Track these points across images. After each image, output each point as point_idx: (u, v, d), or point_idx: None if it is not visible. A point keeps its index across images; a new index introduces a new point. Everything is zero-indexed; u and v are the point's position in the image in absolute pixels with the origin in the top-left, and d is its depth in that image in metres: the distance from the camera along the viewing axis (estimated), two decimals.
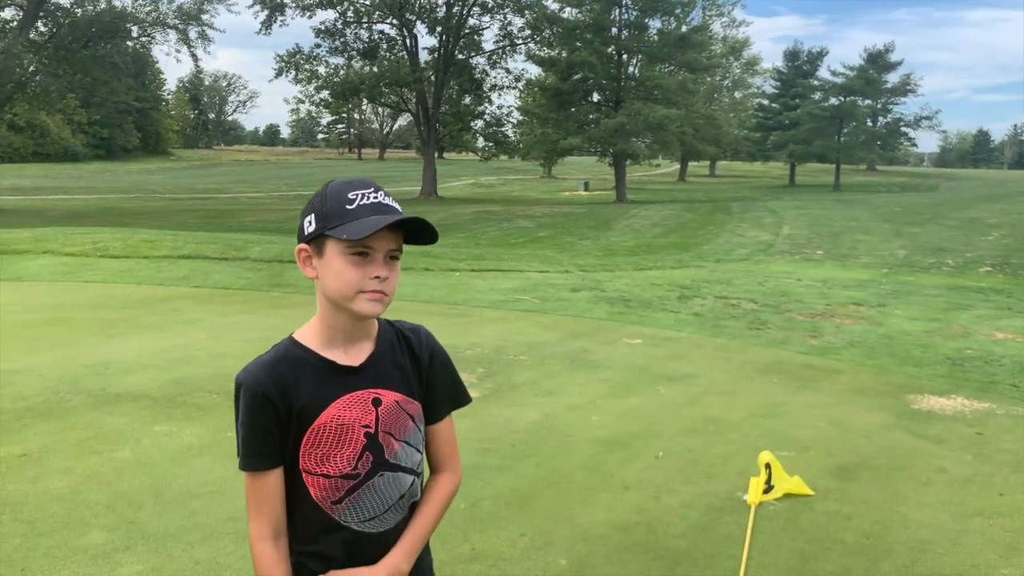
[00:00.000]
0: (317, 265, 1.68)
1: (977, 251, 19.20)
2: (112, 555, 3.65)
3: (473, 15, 47.24)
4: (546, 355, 7.64)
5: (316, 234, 1.64)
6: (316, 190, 1.75)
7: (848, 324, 9.82)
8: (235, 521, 3.97)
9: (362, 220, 1.59)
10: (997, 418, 6.17)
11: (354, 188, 1.65)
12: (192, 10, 35.38)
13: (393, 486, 1.75)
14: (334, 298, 1.66)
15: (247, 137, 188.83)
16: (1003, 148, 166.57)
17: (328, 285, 1.66)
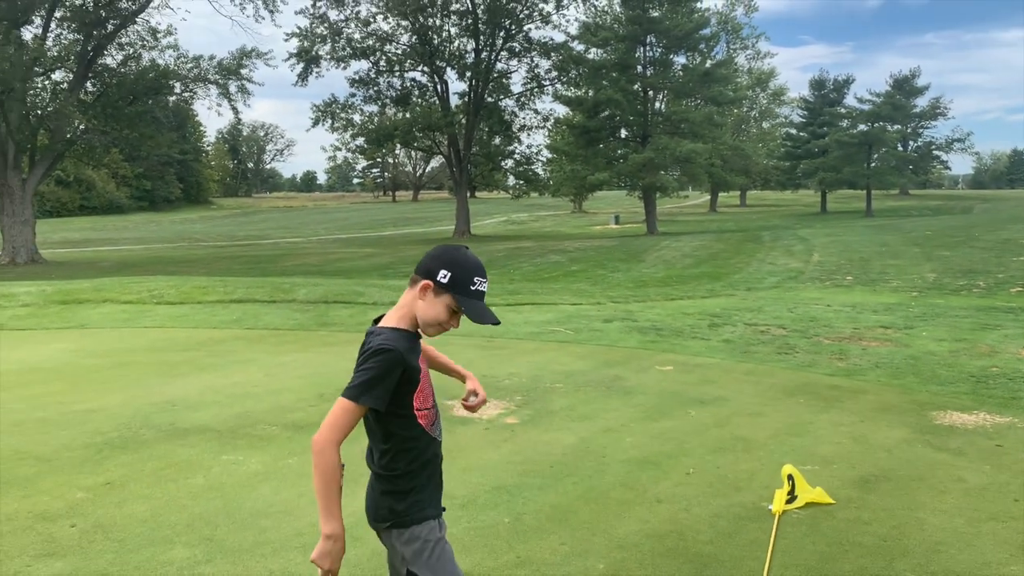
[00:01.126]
0: (427, 297, 2.48)
1: (1009, 272, 19.23)
2: (195, 567, 4.09)
3: (501, 59, 48.45)
4: (581, 383, 8.02)
5: (448, 289, 2.45)
6: (444, 247, 2.59)
7: (875, 346, 10.07)
8: (302, 536, 4.40)
9: (478, 306, 2.47)
10: (1017, 431, 6.42)
11: (477, 274, 2.48)
12: (232, 65, 36.69)
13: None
14: (422, 319, 2.51)
15: (285, 184, 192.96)
16: None
17: (426, 312, 2.49)
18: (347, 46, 45.77)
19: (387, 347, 2.41)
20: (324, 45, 46.02)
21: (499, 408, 7.07)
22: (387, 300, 13.73)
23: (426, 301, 2.47)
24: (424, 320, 2.50)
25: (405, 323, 2.53)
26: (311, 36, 45.66)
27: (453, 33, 47.64)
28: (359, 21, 45.70)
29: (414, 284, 2.52)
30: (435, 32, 46.79)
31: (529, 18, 46.44)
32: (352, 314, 12.42)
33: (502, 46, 47.36)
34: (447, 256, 2.49)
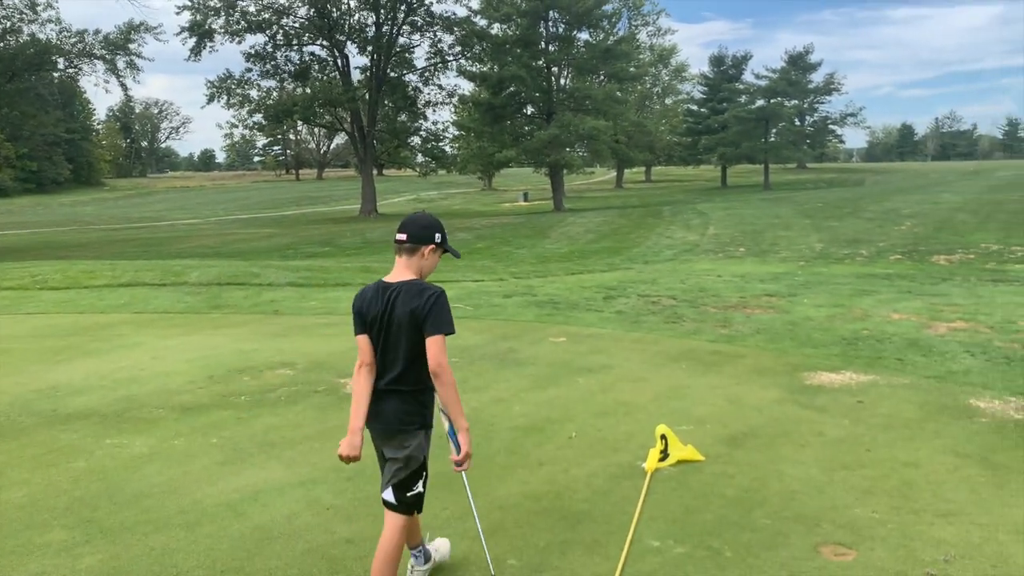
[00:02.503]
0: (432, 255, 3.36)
1: (890, 240, 20.36)
2: (72, 548, 4.06)
3: (403, 34, 47.86)
4: (476, 356, 8.18)
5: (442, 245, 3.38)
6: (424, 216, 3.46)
7: (758, 314, 10.58)
8: (185, 514, 4.42)
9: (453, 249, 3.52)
10: (878, 388, 6.90)
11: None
12: (119, 40, 35.16)
13: None
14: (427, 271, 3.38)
15: (182, 163, 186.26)
16: (926, 141, 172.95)
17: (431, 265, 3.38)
18: (242, 19, 44.37)
19: (440, 290, 3.27)
20: (217, 18, 44.50)
21: None
22: (284, 281, 13.57)
23: (430, 259, 3.36)
24: (428, 271, 3.38)
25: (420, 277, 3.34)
26: (203, 9, 44.05)
27: (352, 6, 46.77)
28: None
29: (413, 251, 3.32)
30: (334, 5, 45.81)
31: None
32: (247, 296, 12.23)
33: (404, 20, 46.78)
34: (434, 223, 3.38)
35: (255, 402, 6.62)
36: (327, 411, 6.36)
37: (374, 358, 3.34)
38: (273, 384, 7.16)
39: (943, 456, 5.18)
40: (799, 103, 75.28)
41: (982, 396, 6.55)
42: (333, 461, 5.33)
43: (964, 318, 9.98)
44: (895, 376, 7.28)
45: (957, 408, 6.24)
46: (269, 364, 7.87)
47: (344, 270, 15.64)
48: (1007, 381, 7.00)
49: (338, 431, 5.93)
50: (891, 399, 6.53)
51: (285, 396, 6.79)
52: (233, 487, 4.82)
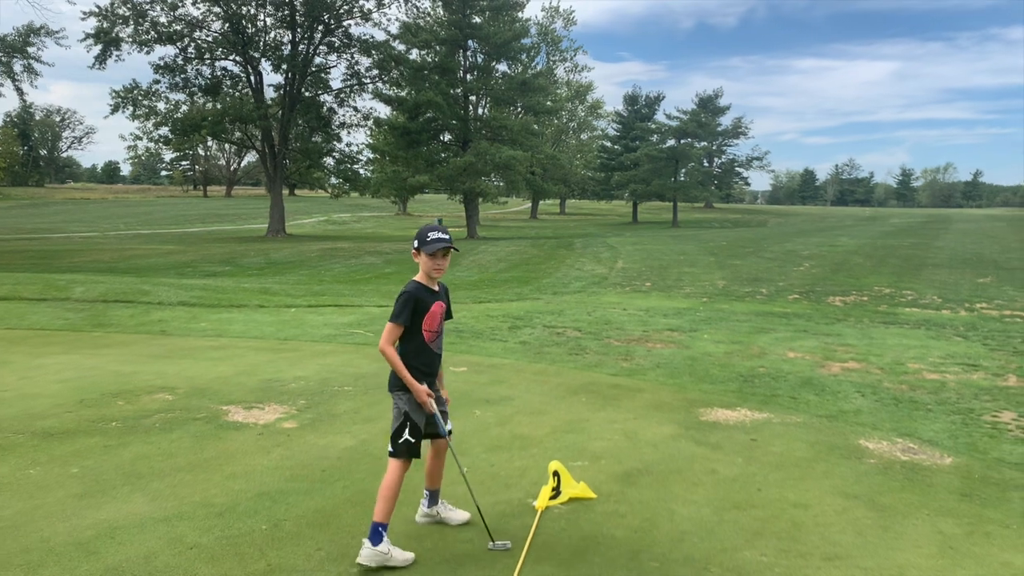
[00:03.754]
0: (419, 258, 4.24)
1: (789, 280, 20.96)
2: None
3: (320, 54, 47.24)
4: (371, 385, 7.88)
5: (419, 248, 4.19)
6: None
7: (659, 348, 10.61)
8: (28, 553, 4.00)
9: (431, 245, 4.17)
10: (772, 426, 6.93)
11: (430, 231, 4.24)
12: (16, 43, 33.67)
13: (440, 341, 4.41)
14: (424, 271, 4.24)
15: (84, 175, 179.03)
16: (826, 186, 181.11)
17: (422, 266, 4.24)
18: (152, 30, 42.94)
19: (404, 290, 4.21)
20: (126, 27, 42.97)
21: (278, 413, 6.80)
22: (175, 300, 12.95)
23: (420, 261, 4.25)
24: (426, 271, 4.24)
25: (421, 277, 4.28)
26: (111, 16, 42.49)
27: (268, 23, 45.95)
28: (166, 4, 43.02)
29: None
30: (249, 21, 44.90)
31: (349, 14, 45.61)
32: (133, 314, 11.59)
33: (320, 40, 46.21)
34: (417, 233, 4.26)
35: (127, 429, 6.17)
36: (204, 440, 5.96)
37: None
38: (149, 410, 6.70)
39: (832, 497, 5.18)
40: (708, 145, 77.92)
41: (871, 436, 6.65)
42: (203, 495, 4.99)
43: (856, 358, 10.24)
44: (789, 414, 7.34)
45: (847, 448, 6.31)
46: (148, 388, 7.39)
47: (241, 291, 15.04)
48: (895, 422, 7.14)
49: (214, 462, 5.58)
50: (784, 437, 6.56)
51: (160, 423, 6.35)
52: (88, 523, 4.42)
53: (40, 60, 34.50)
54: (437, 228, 4.23)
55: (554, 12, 76.05)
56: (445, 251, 4.23)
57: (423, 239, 4.18)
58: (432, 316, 4.24)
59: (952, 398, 8.10)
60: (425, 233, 4.20)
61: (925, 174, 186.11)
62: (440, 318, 4.33)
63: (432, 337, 4.29)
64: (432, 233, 4.18)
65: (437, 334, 4.32)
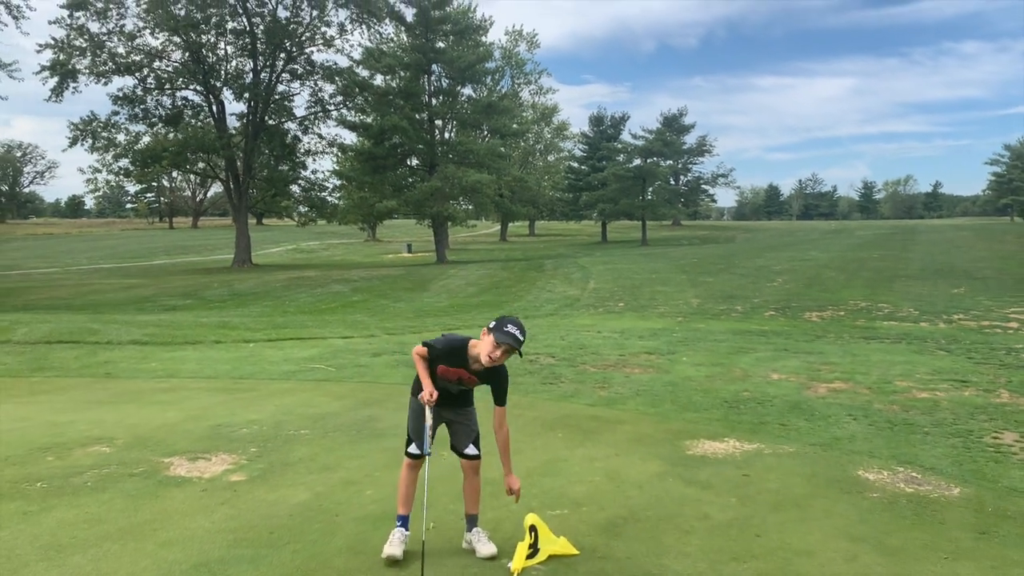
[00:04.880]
0: (483, 337, 4.21)
1: (763, 296, 20.66)
2: None
3: (283, 81, 46.68)
4: (330, 427, 7.29)
5: (491, 331, 4.16)
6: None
7: (637, 373, 10.12)
8: None
9: (505, 335, 4.10)
10: (764, 458, 6.45)
11: (509, 324, 4.16)
12: None
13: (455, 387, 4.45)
14: (482, 350, 4.17)
15: (47, 210, 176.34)
16: (791, 201, 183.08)
17: (479, 346, 4.21)
18: (110, 60, 42.12)
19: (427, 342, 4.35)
20: (83, 59, 42.11)
21: (225, 464, 6.18)
22: (126, 338, 12.23)
23: (485, 338, 4.15)
24: (483, 351, 4.16)
25: (473, 344, 4.25)
26: (68, 48, 41.63)
27: (229, 52, 45.35)
28: (123, 35, 42.27)
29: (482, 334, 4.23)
30: (209, 50, 44.26)
31: (311, 41, 45.16)
32: (78, 356, 10.86)
33: (283, 68, 45.67)
34: (500, 317, 4.22)
35: (52, 490, 5.52)
36: (139, 501, 5.33)
37: None
38: (82, 466, 6.05)
39: (837, 541, 4.68)
40: (674, 163, 78.15)
41: (869, 466, 6.19)
42: (130, 569, 4.36)
43: (842, 378, 9.83)
44: (780, 443, 6.87)
45: (846, 481, 5.83)
46: (83, 440, 6.74)
47: (198, 326, 14.33)
48: (892, 448, 6.69)
49: (148, 527, 4.94)
50: (778, 471, 6.08)
51: (92, 481, 5.71)
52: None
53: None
54: (518, 325, 4.17)
55: (517, 35, 76.08)
56: (508, 348, 4.16)
57: (500, 327, 4.16)
58: (447, 372, 4.35)
59: (948, 418, 7.68)
60: (505, 323, 4.17)
61: (886, 186, 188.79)
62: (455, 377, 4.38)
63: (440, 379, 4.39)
64: (511, 327, 4.14)
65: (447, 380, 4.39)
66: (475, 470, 4.70)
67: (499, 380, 4.42)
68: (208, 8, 42.66)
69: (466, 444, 4.68)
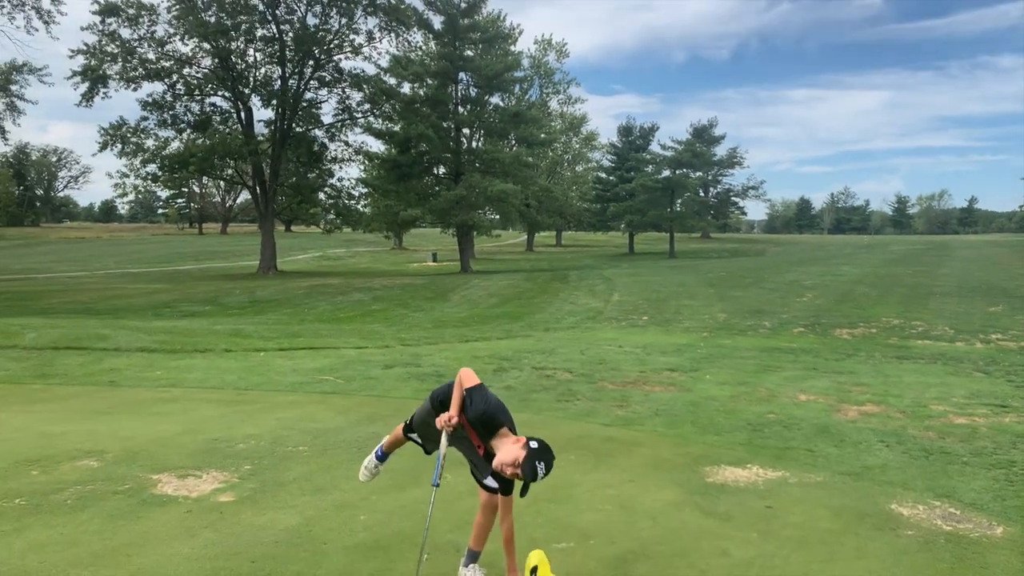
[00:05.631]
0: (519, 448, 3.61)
1: (792, 312, 20.08)
2: None
3: (311, 88, 46.77)
4: (330, 444, 6.95)
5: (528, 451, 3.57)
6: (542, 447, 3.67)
7: (658, 392, 9.69)
8: None
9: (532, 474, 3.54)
10: (789, 488, 6.01)
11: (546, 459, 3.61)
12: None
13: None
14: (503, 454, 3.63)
15: (81, 214, 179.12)
16: (823, 214, 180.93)
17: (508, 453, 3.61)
18: (140, 66, 42.45)
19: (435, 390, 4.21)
20: (114, 64, 42.49)
21: (216, 482, 5.86)
22: (135, 346, 12.02)
23: (514, 446, 3.60)
24: (502, 451, 3.62)
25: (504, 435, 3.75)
26: (99, 54, 42.02)
27: (258, 59, 45.52)
28: (154, 41, 42.59)
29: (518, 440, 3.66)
30: (238, 57, 44.45)
31: (339, 48, 45.19)
32: (83, 363, 10.64)
33: (311, 75, 45.76)
34: (542, 444, 3.62)
35: (31, 508, 5.22)
36: (118, 521, 5.01)
37: None
38: (66, 481, 5.76)
39: None
40: (703, 175, 77.45)
41: (904, 500, 5.72)
42: None
43: (874, 400, 9.33)
44: (806, 472, 6.42)
45: (878, 516, 5.38)
46: (72, 453, 6.45)
47: (210, 334, 14.11)
48: (928, 479, 6.22)
49: (122, 552, 4.59)
50: (804, 503, 5.64)
51: (73, 499, 5.41)
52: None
53: (23, 98, 33.82)
54: (549, 468, 3.61)
55: (547, 45, 75.87)
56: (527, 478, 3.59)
57: (533, 458, 3.55)
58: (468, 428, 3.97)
59: (988, 448, 7.18)
60: (543, 457, 3.59)
61: (920, 201, 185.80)
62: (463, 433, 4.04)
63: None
64: (542, 468, 3.56)
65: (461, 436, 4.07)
66: (492, 505, 4.20)
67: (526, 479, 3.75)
68: (238, 15, 42.90)
69: (485, 475, 4.12)
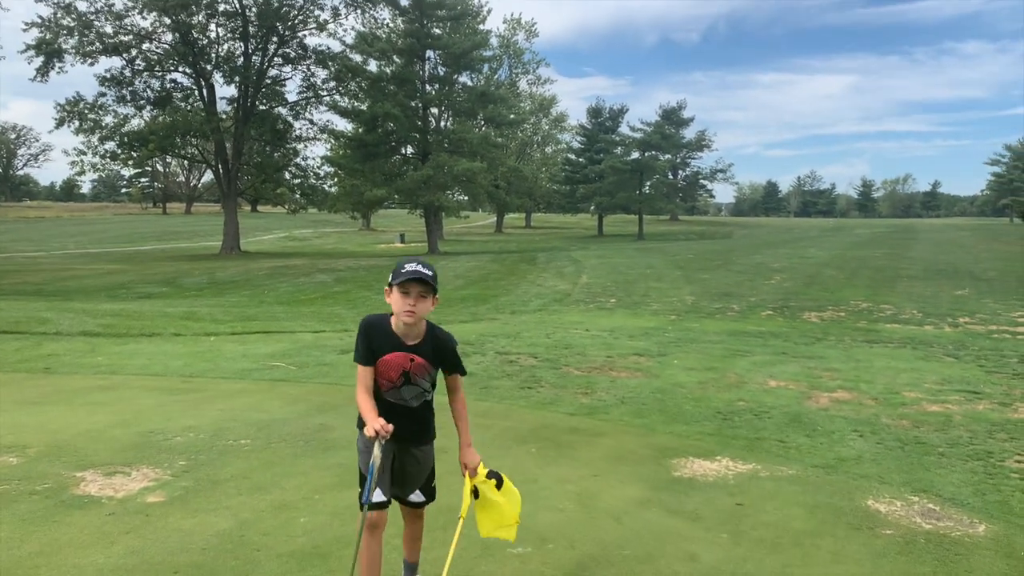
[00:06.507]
0: (390, 296, 3.40)
1: (760, 295, 19.91)
2: None
3: (274, 65, 45.78)
4: (275, 437, 6.51)
5: (391, 283, 3.36)
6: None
7: (624, 377, 9.36)
8: None
9: (401, 274, 3.32)
10: (760, 482, 5.70)
11: (404, 264, 3.36)
12: None
13: (409, 392, 3.52)
14: (395, 311, 3.38)
15: (43, 193, 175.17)
16: (789, 198, 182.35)
17: (392, 305, 3.38)
18: (97, 41, 41.21)
19: (362, 320, 3.58)
20: (70, 38, 41.19)
21: (146, 480, 5.40)
22: (78, 330, 11.43)
23: (390, 300, 3.39)
24: (394, 311, 3.39)
25: (394, 320, 3.43)
26: (55, 27, 40.70)
27: (220, 34, 44.41)
28: (111, 15, 41.34)
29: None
30: (200, 32, 43.31)
31: (304, 24, 44.24)
32: (19, 348, 10.05)
33: (275, 51, 44.77)
34: (393, 268, 3.42)
35: None
36: (31, 527, 4.54)
37: None
38: None
39: None
40: (672, 157, 77.35)
41: (880, 494, 5.43)
42: None
43: (845, 386, 9.07)
44: (778, 464, 6.11)
45: (855, 513, 5.08)
46: None
47: (161, 316, 13.52)
48: (905, 473, 5.94)
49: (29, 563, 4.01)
50: (776, 499, 5.32)
51: None
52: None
53: None
54: (419, 261, 3.37)
55: (516, 24, 75.12)
56: (421, 288, 3.32)
57: (397, 271, 3.34)
58: (387, 365, 3.42)
59: (964, 437, 6.93)
60: (402, 265, 3.36)
61: (885, 185, 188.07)
62: (399, 370, 3.43)
63: (386, 387, 3.45)
64: (410, 264, 3.33)
65: (393, 385, 3.44)
66: (419, 515, 3.89)
67: (447, 348, 3.55)
68: None
69: (412, 489, 3.77)
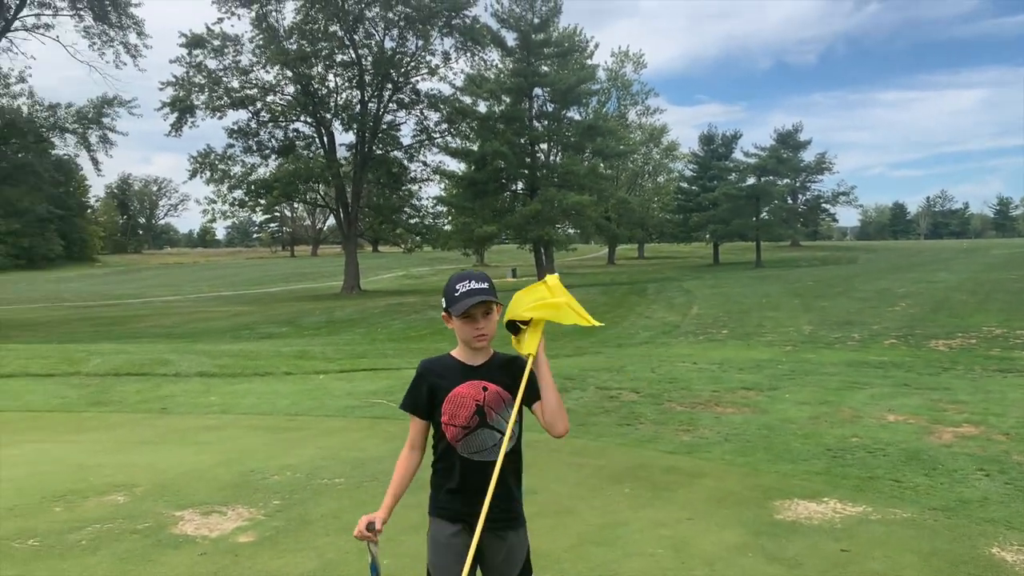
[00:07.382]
0: (451, 324, 2.85)
1: (883, 323, 18.87)
2: None
3: (389, 111, 47.39)
4: (369, 475, 6.56)
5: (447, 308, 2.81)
6: None
7: (730, 413, 8.98)
8: None
9: (462, 304, 2.73)
10: (870, 526, 5.29)
11: (458, 282, 2.81)
12: (91, 114, 34.42)
13: (490, 438, 2.79)
14: (459, 340, 2.86)
15: (181, 240, 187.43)
16: (919, 219, 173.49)
17: (457, 333, 2.84)
18: (225, 95, 43.86)
19: (419, 365, 2.96)
20: (201, 94, 44.03)
21: (240, 519, 5.52)
22: (195, 371, 11.98)
23: (452, 326, 2.86)
24: (460, 340, 2.86)
25: (458, 351, 2.89)
26: (187, 85, 43.62)
27: (339, 84, 46.42)
28: (238, 70, 43.95)
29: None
30: (319, 83, 45.42)
31: (416, 70, 45.67)
32: (140, 390, 10.60)
33: (390, 98, 46.39)
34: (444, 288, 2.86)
35: (42, 550, 4.97)
36: (127, 566, 4.70)
37: None
38: (85, 519, 5.52)
39: None
40: (791, 181, 75.01)
41: (1008, 541, 4.94)
42: None
43: (972, 420, 8.39)
44: (891, 506, 5.67)
45: (976, 562, 4.62)
46: (102, 487, 6.24)
47: (276, 355, 14.03)
48: None
49: None
50: (886, 546, 4.92)
51: (88, 540, 5.14)
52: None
53: (114, 130, 35.20)
54: (470, 277, 2.79)
55: (624, 56, 75.18)
56: (484, 307, 2.73)
57: (450, 295, 2.75)
58: (455, 403, 2.75)
59: None
60: (453, 286, 2.76)
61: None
62: (472, 408, 2.74)
63: (457, 435, 2.74)
64: (461, 284, 2.74)
65: (467, 430, 2.74)
66: None
67: (517, 362, 2.86)
68: (318, 42, 43.90)
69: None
